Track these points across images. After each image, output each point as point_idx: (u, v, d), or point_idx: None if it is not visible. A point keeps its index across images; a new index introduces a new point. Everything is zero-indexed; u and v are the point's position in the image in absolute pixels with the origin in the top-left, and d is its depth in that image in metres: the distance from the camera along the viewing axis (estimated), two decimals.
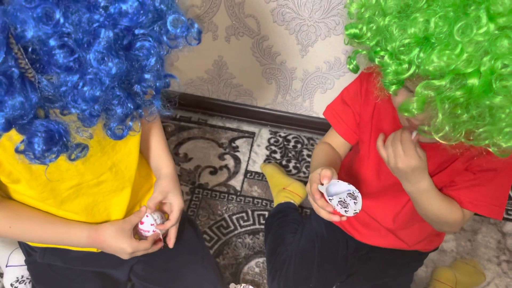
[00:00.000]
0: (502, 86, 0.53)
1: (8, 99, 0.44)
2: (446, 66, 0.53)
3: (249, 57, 1.48)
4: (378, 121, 0.92)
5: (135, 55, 0.50)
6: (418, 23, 0.54)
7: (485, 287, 1.30)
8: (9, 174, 0.74)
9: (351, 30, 0.64)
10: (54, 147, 0.51)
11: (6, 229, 0.80)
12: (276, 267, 1.18)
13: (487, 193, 0.85)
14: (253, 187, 1.49)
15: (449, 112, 0.58)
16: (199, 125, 1.68)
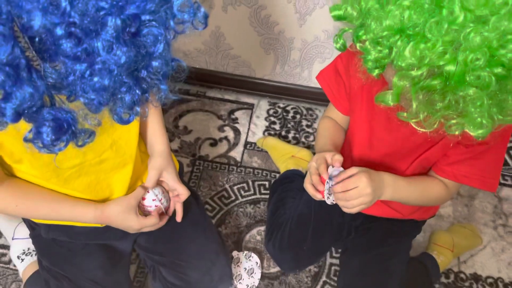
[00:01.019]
0: (475, 78, 0.53)
1: (16, 90, 0.44)
2: (420, 61, 0.54)
3: (246, 27, 1.46)
4: (369, 91, 0.92)
5: (142, 42, 0.49)
6: (393, 16, 0.54)
7: (482, 250, 1.33)
8: (11, 155, 0.74)
9: (335, 12, 0.64)
10: (63, 135, 0.51)
11: (13, 207, 0.81)
12: (273, 229, 1.21)
13: (480, 166, 0.86)
14: (253, 158, 1.51)
15: (424, 100, 0.59)
16: (198, 97, 1.68)
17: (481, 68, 0.53)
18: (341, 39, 0.69)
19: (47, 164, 0.77)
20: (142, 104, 0.59)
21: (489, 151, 0.84)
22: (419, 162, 0.93)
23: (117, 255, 1.02)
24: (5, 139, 0.71)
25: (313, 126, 1.62)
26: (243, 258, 1.20)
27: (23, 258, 1.12)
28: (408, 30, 0.54)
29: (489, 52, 0.52)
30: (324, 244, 1.20)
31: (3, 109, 0.45)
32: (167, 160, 0.92)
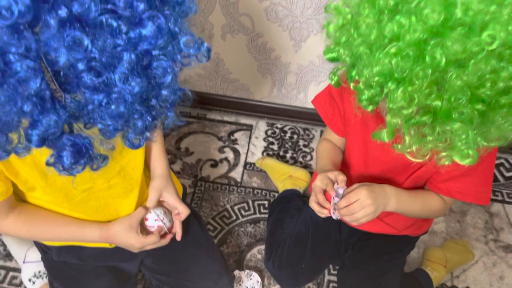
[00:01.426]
0: (459, 114, 0.60)
1: (42, 118, 0.49)
2: (409, 102, 0.60)
3: (244, 53, 1.53)
4: (362, 114, 0.98)
5: (153, 73, 0.55)
6: (382, 64, 0.60)
7: (474, 265, 1.38)
8: (25, 182, 0.80)
9: (329, 55, 0.70)
10: (81, 159, 0.56)
11: (25, 231, 0.86)
12: (272, 247, 1.26)
13: (472, 182, 0.91)
14: (252, 178, 1.56)
15: (416, 135, 0.66)
16: (199, 119, 1.74)
17: (464, 105, 0.59)
18: (335, 76, 0.75)
19: (59, 189, 0.83)
20: (151, 130, 0.65)
21: (479, 167, 0.89)
22: (412, 180, 0.99)
23: (124, 276, 1.07)
24: (21, 168, 0.76)
25: (310, 146, 1.68)
26: (244, 277, 1.25)
27: (34, 281, 1.17)
28: (397, 74, 0.60)
29: (470, 91, 0.58)
30: (322, 262, 1.25)
31: (30, 135, 0.50)
32: (166, 181, 0.97)
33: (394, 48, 0.59)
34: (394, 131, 0.67)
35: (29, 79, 0.45)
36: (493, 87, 0.57)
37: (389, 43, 0.60)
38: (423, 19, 0.56)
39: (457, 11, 0.55)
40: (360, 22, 0.63)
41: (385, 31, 0.59)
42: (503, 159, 1.69)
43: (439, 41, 0.56)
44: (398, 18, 0.58)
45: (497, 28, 0.54)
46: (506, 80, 0.57)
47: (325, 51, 0.71)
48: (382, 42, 0.61)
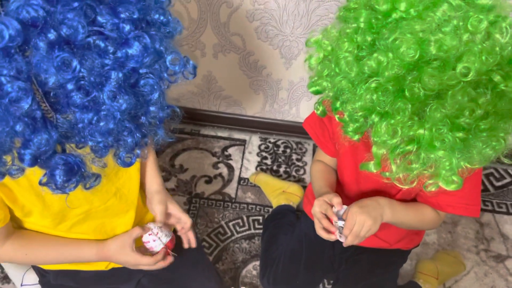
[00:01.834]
0: (441, 143, 0.62)
1: (34, 137, 0.51)
2: (393, 135, 0.63)
3: (236, 71, 1.56)
4: None
5: (140, 91, 0.57)
6: (364, 99, 0.63)
7: (466, 275, 1.41)
8: (23, 208, 0.81)
9: (313, 88, 0.73)
10: (73, 177, 0.58)
11: (23, 256, 0.87)
12: (267, 264, 1.28)
13: (462, 195, 0.93)
14: (246, 193, 1.58)
15: (402, 164, 0.68)
16: (192, 135, 1.76)
17: (445, 134, 0.62)
18: (321, 106, 0.78)
19: (57, 212, 0.84)
20: (142, 147, 0.67)
21: (467, 180, 0.92)
22: (402, 194, 1.01)
23: None
24: (19, 193, 0.78)
25: (303, 160, 1.70)
26: None
27: None
28: (379, 108, 0.63)
29: (450, 120, 0.61)
30: (316, 277, 1.27)
31: (23, 155, 0.52)
32: (166, 194, 0.99)
33: (374, 83, 0.61)
34: (381, 161, 0.70)
35: (21, 99, 0.47)
36: (472, 114, 0.59)
37: (369, 78, 0.62)
38: (399, 56, 0.58)
39: (431, 48, 0.57)
40: (340, 58, 0.65)
41: (364, 68, 0.62)
42: (493, 168, 1.72)
43: (416, 76, 0.59)
44: (375, 55, 0.60)
45: (471, 59, 0.57)
46: (484, 106, 0.59)
47: (309, 85, 0.73)
48: (362, 77, 0.63)
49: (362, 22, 0.65)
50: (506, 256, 1.45)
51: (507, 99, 0.61)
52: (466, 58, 0.57)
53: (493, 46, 0.58)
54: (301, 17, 1.35)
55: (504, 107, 0.61)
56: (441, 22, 0.58)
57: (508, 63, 0.60)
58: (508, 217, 1.56)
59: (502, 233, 1.52)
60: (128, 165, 0.66)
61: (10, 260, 0.92)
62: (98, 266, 0.99)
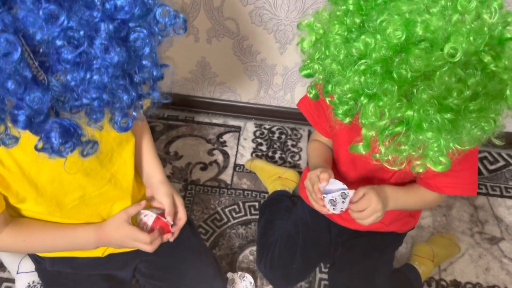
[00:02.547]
0: (430, 124, 0.62)
1: (26, 95, 0.50)
2: (381, 117, 0.63)
3: (230, 56, 1.54)
4: None
5: (132, 46, 0.56)
6: (352, 81, 0.63)
7: (461, 258, 1.42)
8: (17, 194, 0.80)
9: (304, 72, 0.73)
10: (70, 140, 0.56)
11: (21, 243, 0.87)
12: (263, 249, 1.28)
13: (460, 175, 0.95)
14: (242, 179, 1.58)
15: (391, 145, 0.68)
16: (187, 122, 1.75)
17: (433, 116, 0.61)
18: (313, 89, 0.78)
19: (50, 198, 0.83)
20: (138, 109, 0.65)
21: (464, 161, 0.93)
22: (398, 175, 1.02)
23: (119, 283, 1.08)
24: (11, 180, 0.77)
25: (298, 146, 1.70)
26: (237, 279, 1.27)
27: None
28: (367, 90, 0.63)
29: (438, 101, 0.60)
30: (313, 261, 1.28)
31: (16, 116, 0.51)
32: (171, 185, 0.99)
33: (363, 66, 0.61)
34: (370, 143, 0.70)
35: (9, 53, 0.46)
36: (460, 95, 0.59)
37: (358, 60, 0.62)
38: (386, 38, 0.58)
39: (417, 29, 0.57)
40: (329, 40, 0.65)
41: (352, 51, 0.62)
42: (487, 152, 1.73)
43: (403, 57, 0.59)
44: (363, 37, 0.60)
45: (459, 40, 0.56)
46: (473, 87, 0.59)
47: (301, 68, 0.74)
48: (351, 59, 0.63)
49: (351, 4, 0.65)
50: (500, 238, 1.47)
51: (498, 79, 0.60)
52: (453, 39, 0.57)
53: (482, 27, 0.58)
54: (296, 1, 1.33)
55: (495, 88, 0.61)
56: (430, 3, 0.58)
57: (498, 44, 0.60)
58: (502, 200, 1.57)
59: (496, 215, 1.53)
60: (125, 129, 0.64)
61: (8, 247, 0.91)
62: (94, 253, 0.98)
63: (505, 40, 0.59)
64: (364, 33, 0.62)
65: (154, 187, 0.98)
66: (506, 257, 1.42)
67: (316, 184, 0.94)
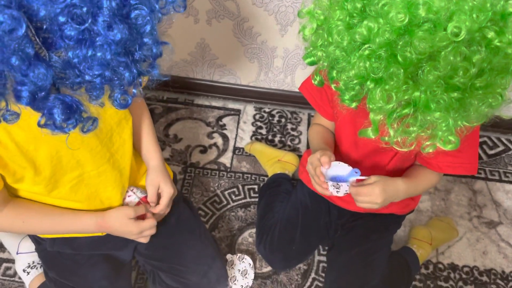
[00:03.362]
0: (437, 104, 0.62)
1: (30, 71, 0.49)
2: (388, 100, 0.62)
3: (230, 38, 1.52)
4: None
5: (133, 23, 0.56)
6: (357, 67, 0.62)
7: (458, 241, 1.43)
8: (14, 174, 0.80)
9: (308, 60, 0.72)
10: (72, 116, 0.57)
11: (20, 224, 0.87)
12: (263, 231, 1.29)
13: (461, 155, 0.95)
14: (242, 163, 1.58)
15: (399, 128, 0.68)
16: (186, 105, 1.74)
17: (440, 96, 0.61)
18: (318, 76, 0.77)
19: (48, 178, 0.83)
20: (138, 86, 0.65)
21: (466, 140, 0.93)
22: (399, 157, 1.02)
23: (119, 264, 1.09)
24: (8, 158, 0.76)
25: (297, 129, 1.70)
26: (236, 260, 1.28)
27: (28, 271, 1.18)
28: (373, 75, 0.62)
29: (444, 81, 0.60)
30: (312, 243, 1.29)
31: (19, 91, 0.50)
32: (161, 174, 1.00)
33: (367, 51, 0.61)
34: (379, 126, 0.69)
35: (14, 28, 0.45)
36: (466, 74, 0.59)
37: (362, 45, 0.61)
38: (389, 21, 0.57)
39: (420, 11, 0.56)
40: (332, 27, 0.65)
41: (356, 37, 0.61)
42: (486, 137, 1.73)
43: (407, 40, 0.58)
44: (366, 23, 0.60)
45: (462, 18, 0.56)
46: (479, 64, 0.59)
47: (304, 56, 0.73)
48: (355, 45, 0.62)
49: None
50: (498, 222, 1.48)
51: (502, 54, 0.60)
52: (456, 18, 0.56)
53: (484, 3, 0.57)
54: None
55: (500, 63, 0.61)
56: None
57: (501, 19, 0.60)
58: (501, 185, 1.58)
59: (495, 200, 1.54)
60: (125, 106, 0.64)
61: (8, 228, 0.91)
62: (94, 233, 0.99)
63: (508, 15, 0.59)
64: (366, 17, 0.61)
65: (148, 172, 1.00)
66: (503, 241, 1.43)
67: (318, 167, 0.94)
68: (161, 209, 0.98)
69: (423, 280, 1.33)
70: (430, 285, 1.32)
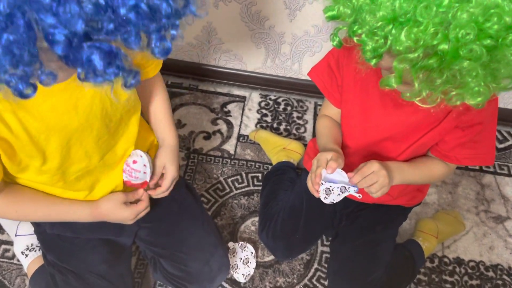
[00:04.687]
0: (468, 51, 0.58)
1: (60, 8, 0.45)
2: (415, 43, 0.59)
3: (237, 22, 1.49)
4: (362, 82, 0.96)
5: None
6: (385, 7, 0.59)
7: (465, 235, 1.40)
8: (19, 163, 0.78)
9: (329, 13, 0.69)
10: (113, 61, 0.52)
11: (13, 213, 0.85)
12: (266, 219, 1.27)
13: (479, 146, 0.92)
14: (246, 150, 1.55)
15: (425, 79, 0.64)
16: (191, 90, 1.71)
17: (472, 42, 0.58)
18: (337, 37, 0.74)
19: (56, 168, 0.81)
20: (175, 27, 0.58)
21: (484, 131, 0.91)
22: (415, 148, 0.97)
23: (119, 248, 1.07)
24: (18, 148, 0.74)
25: (303, 118, 1.67)
26: (238, 249, 1.26)
27: (27, 254, 1.16)
28: (400, 18, 0.59)
29: (477, 26, 0.57)
30: (315, 233, 1.26)
31: (53, 35, 0.46)
32: (171, 154, 0.98)
33: None
34: (402, 78, 0.65)
35: None
36: (500, 21, 0.56)
37: None
38: None
39: None
40: None
41: None
42: (496, 131, 1.69)
43: None
44: None
45: None
46: (511, 14, 0.56)
47: (325, 9, 0.70)
48: None
49: None
50: (506, 217, 1.45)
51: None
52: None
53: None
54: None
55: None
56: None
57: None
58: (510, 179, 1.55)
59: (503, 194, 1.51)
60: (167, 52, 0.58)
61: (1, 215, 0.90)
62: None
63: None
64: None
65: (158, 150, 1.00)
66: (511, 236, 1.40)
67: (320, 168, 0.90)
68: (162, 191, 0.96)
69: (428, 273, 1.31)
70: (435, 279, 1.30)
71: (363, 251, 1.16)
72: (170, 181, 0.97)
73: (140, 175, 0.92)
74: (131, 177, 0.92)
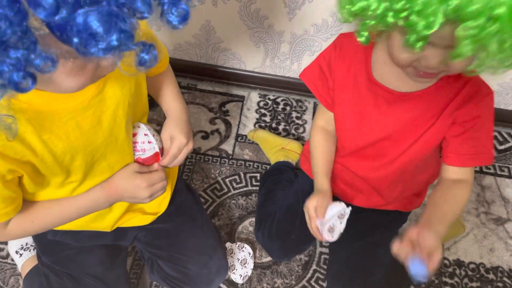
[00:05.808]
0: None
1: None
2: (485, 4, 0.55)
3: (236, 21, 1.47)
4: (355, 82, 0.94)
5: None
6: None
7: (465, 237, 1.39)
8: (42, 183, 0.76)
9: (359, 4, 0.65)
10: (114, 25, 0.42)
11: (29, 225, 0.80)
12: (262, 218, 1.25)
13: (479, 144, 0.90)
14: (244, 150, 1.54)
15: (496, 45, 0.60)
16: (189, 89, 1.70)
17: None
18: (365, 32, 0.71)
19: (79, 181, 0.79)
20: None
21: (484, 125, 0.88)
22: (417, 148, 0.95)
23: (117, 251, 1.05)
24: (44, 168, 0.72)
25: (302, 118, 1.65)
26: (236, 249, 1.24)
27: (21, 253, 1.14)
28: None
29: None
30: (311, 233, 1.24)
31: None
32: (178, 123, 0.91)
33: None
34: None
35: None
36: None
37: None
38: None
39: None
40: None
41: None
42: (496, 132, 1.68)
43: None
44: None
45: None
46: None
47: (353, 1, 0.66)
48: None
49: None
50: (507, 219, 1.43)
51: None
52: None
53: None
54: None
55: None
56: None
57: None
58: (510, 181, 1.53)
59: (503, 196, 1.49)
60: (185, 18, 0.50)
61: (19, 235, 0.83)
62: (103, 227, 0.95)
63: None
64: None
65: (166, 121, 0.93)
66: (511, 238, 1.39)
67: (313, 219, 0.97)
68: (168, 160, 0.88)
69: None
70: (434, 281, 1.28)
71: (362, 253, 1.14)
72: (177, 148, 0.88)
73: (146, 147, 0.85)
74: (137, 152, 0.85)
